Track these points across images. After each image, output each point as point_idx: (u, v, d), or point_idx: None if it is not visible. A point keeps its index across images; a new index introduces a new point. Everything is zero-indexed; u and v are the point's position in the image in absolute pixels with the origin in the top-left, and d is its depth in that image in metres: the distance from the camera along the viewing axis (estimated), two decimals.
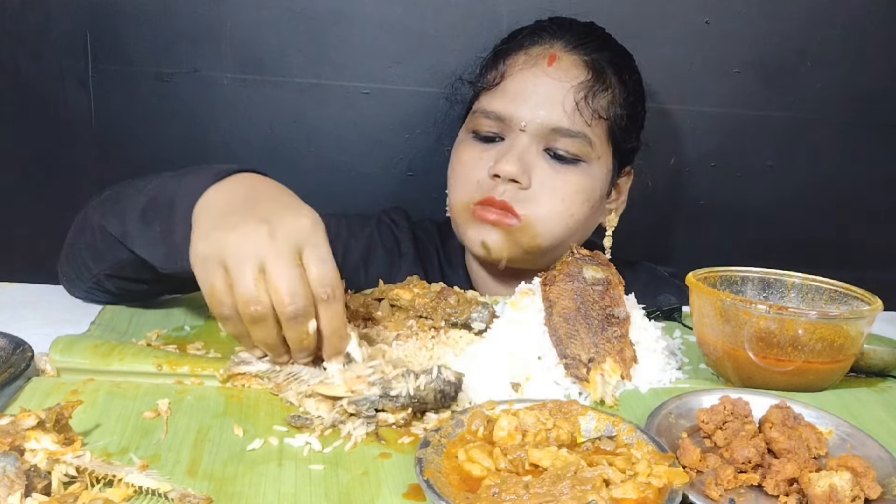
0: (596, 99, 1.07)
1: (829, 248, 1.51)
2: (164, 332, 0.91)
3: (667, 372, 0.85)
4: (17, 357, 0.76)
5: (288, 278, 0.67)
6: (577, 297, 0.87)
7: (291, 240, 0.69)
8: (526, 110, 1.06)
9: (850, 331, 0.80)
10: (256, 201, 0.74)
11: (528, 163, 1.06)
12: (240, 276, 0.68)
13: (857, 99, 1.44)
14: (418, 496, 0.60)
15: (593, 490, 0.55)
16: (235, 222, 0.70)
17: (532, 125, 1.06)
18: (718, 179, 1.46)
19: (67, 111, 1.31)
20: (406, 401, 0.70)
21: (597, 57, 1.10)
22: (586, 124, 1.06)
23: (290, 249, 0.68)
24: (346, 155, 1.38)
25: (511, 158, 1.05)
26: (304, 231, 0.70)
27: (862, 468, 0.61)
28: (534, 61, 1.09)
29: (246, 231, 0.69)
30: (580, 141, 1.06)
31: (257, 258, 0.68)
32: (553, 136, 1.06)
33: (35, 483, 0.55)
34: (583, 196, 1.08)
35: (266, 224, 0.69)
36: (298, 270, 0.68)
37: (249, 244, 0.68)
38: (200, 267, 0.70)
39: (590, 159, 1.08)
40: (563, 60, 1.08)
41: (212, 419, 0.70)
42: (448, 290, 0.97)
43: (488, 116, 1.09)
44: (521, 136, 1.07)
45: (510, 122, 1.07)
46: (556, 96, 1.06)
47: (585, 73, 1.08)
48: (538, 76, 1.07)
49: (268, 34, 1.31)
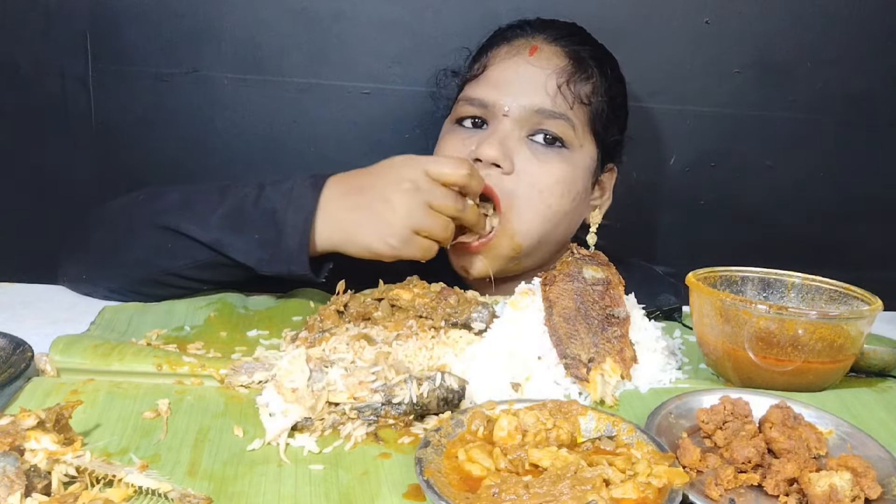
0: (577, 85, 1.09)
1: (829, 248, 1.50)
2: (164, 332, 0.91)
3: (667, 372, 0.85)
4: (17, 357, 0.76)
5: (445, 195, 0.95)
6: (577, 297, 0.87)
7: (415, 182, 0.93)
8: (508, 95, 1.07)
9: (850, 331, 0.80)
10: (364, 189, 0.95)
11: (511, 147, 1.07)
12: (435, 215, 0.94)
13: (857, 99, 1.44)
14: (418, 496, 0.60)
15: (593, 490, 0.55)
16: (380, 209, 0.93)
17: (514, 109, 1.07)
18: (718, 179, 1.46)
19: (67, 111, 1.31)
20: (408, 408, 0.70)
21: (578, 49, 1.12)
22: (568, 107, 1.07)
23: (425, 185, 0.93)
24: (346, 155, 1.38)
25: (493, 142, 1.05)
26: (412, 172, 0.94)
27: (862, 468, 0.61)
28: (516, 51, 1.11)
29: (400, 203, 0.92)
30: (563, 123, 1.07)
31: (423, 203, 0.93)
32: (536, 118, 1.07)
33: (35, 483, 0.55)
34: (562, 187, 1.08)
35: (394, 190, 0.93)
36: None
37: (409, 209, 0.92)
38: (407, 247, 0.94)
39: (572, 145, 1.09)
40: (544, 50, 1.10)
41: (212, 419, 0.70)
42: (448, 290, 0.96)
43: (472, 103, 1.11)
44: (503, 121, 1.07)
45: (493, 108, 1.08)
46: (538, 81, 1.08)
47: (566, 61, 1.10)
48: (520, 64, 1.09)
49: (268, 34, 1.31)
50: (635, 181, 1.22)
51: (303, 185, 0.96)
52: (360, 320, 0.92)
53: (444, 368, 0.81)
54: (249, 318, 0.98)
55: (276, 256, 0.94)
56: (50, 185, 1.34)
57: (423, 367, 0.82)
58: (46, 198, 1.34)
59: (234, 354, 0.86)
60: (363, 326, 0.90)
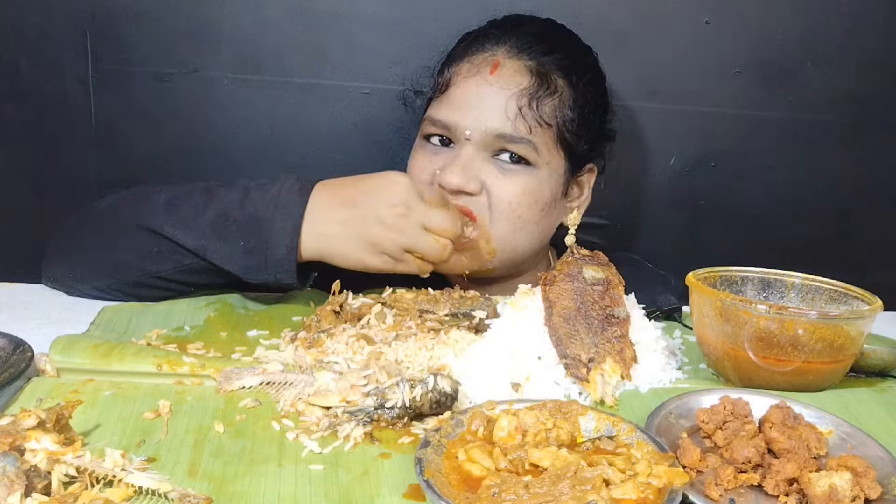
0: (540, 105, 1.08)
1: (829, 248, 1.50)
2: (164, 332, 0.91)
3: (667, 372, 0.85)
4: (17, 357, 0.76)
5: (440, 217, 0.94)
6: (577, 297, 0.87)
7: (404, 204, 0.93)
8: (470, 118, 1.07)
9: (850, 331, 0.80)
10: (356, 203, 0.94)
11: (476, 168, 1.07)
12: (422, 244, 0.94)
13: (857, 99, 1.44)
14: (418, 496, 0.60)
15: (593, 490, 0.55)
16: (367, 224, 0.93)
17: (476, 133, 1.07)
18: (718, 179, 1.46)
19: (67, 111, 1.31)
20: (401, 411, 0.71)
21: (543, 61, 1.10)
22: (529, 130, 1.07)
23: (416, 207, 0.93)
24: (346, 155, 1.38)
25: (455, 170, 1.06)
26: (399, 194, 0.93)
27: (862, 468, 0.61)
28: (476, 69, 1.10)
29: (390, 224, 0.92)
30: (525, 146, 1.07)
31: (418, 226, 0.93)
32: (498, 142, 1.07)
33: (35, 483, 0.55)
34: (529, 198, 1.09)
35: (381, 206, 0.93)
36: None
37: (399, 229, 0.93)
38: (401, 264, 0.95)
39: (537, 164, 1.09)
40: (505, 67, 1.09)
41: (212, 419, 0.70)
42: (450, 289, 0.97)
43: (435, 125, 1.11)
44: (466, 145, 1.08)
45: (455, 131, 1.09)
46: (498, 103, 1.07)
47: (528, 78, 1.08)
48: (480, 84, 1.08)
49: (268, 34, 1.31)
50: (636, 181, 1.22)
51: (290, 191, 0.95)
52: (356, 320, 0.92)
53: (443, 368, 0.81)
54: (249, 318, 0.98)
55: (262, 265, 0.93)
56: (50, 185, 1.34)
57: (423, 367, 0.82)
58: (46, 198, 1.34)
59: (234, 354, 0.86)
60: (360, 327, 0.90)
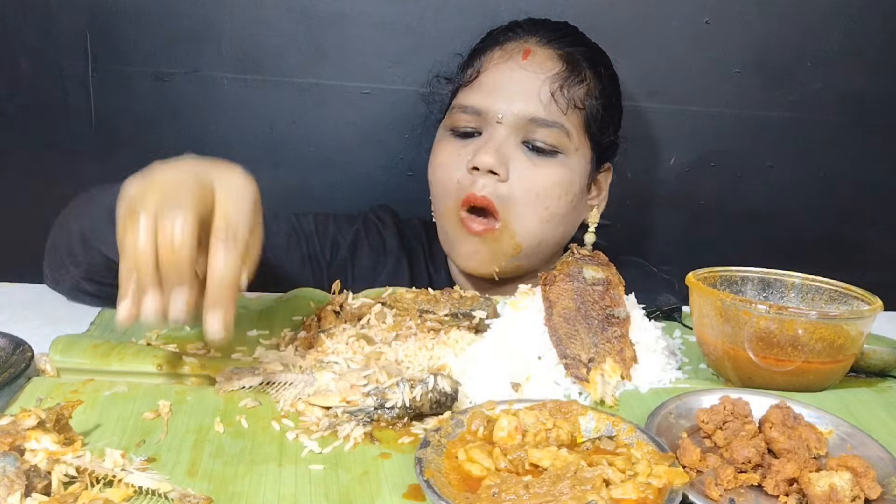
0: (571, 89, 1.08)
1: (829, 248, 1.51)
2: (163, 332, 0.91)
3: (667, 372, 0.85)
4: (17, 357, 0.76)
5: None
6: (577, 297, 0.87)
7: None
8: (502, 102, 1.07)
9: (850, 331, 0.80)
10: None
11: (506, 154, 1.07)
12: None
13: (857, 99, 1.44)
14: (418, 496, 0.60)
15: (593, 490, 0.55)
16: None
17: (508, 117, 1.07)
18: (718, 179, 1.46)
19: (67, 111, 1.31)
20: (401, 412, 0.71)
21: (571, 51, 1.11)
22: (562, 114, 1.07)
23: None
24: (346, 155, 1.38)
25: (489, 150, 1.06)
26: None
27: (862, 468, 0.61)
28: (508, 55, 1.10)
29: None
30: (557, 131, 1.07)
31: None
32: (530, 126, 1.07)
33: (35, 483, 0.55)
34: (559, 190, 1.09)
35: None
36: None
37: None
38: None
39: (567, 151, 1.09)
40: (537, 54, 1.10)
41: (212, 419, 0.70)
42: (450, 289, 0.98)
43: (465, 111, 1.10)
44: (498, 128, 1.07)
45: (487, 116, 1.08)
46: (531, 87, 1.07)
47: (560, 64, 1.09)
48: (513, 69, 1.09)
49: (268, 34, 1.31)
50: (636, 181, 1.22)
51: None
52: (356, 320, 0.92)
53: (443, 368, 0.81)
54: (249, 318, 0.98)
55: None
56: (50, 185, 1.34)
57: (423, 367, 0.82)
58: (46, 198, 1.34)
59: (234, 354, 0.86)
60: (360, 327, 0.90)
